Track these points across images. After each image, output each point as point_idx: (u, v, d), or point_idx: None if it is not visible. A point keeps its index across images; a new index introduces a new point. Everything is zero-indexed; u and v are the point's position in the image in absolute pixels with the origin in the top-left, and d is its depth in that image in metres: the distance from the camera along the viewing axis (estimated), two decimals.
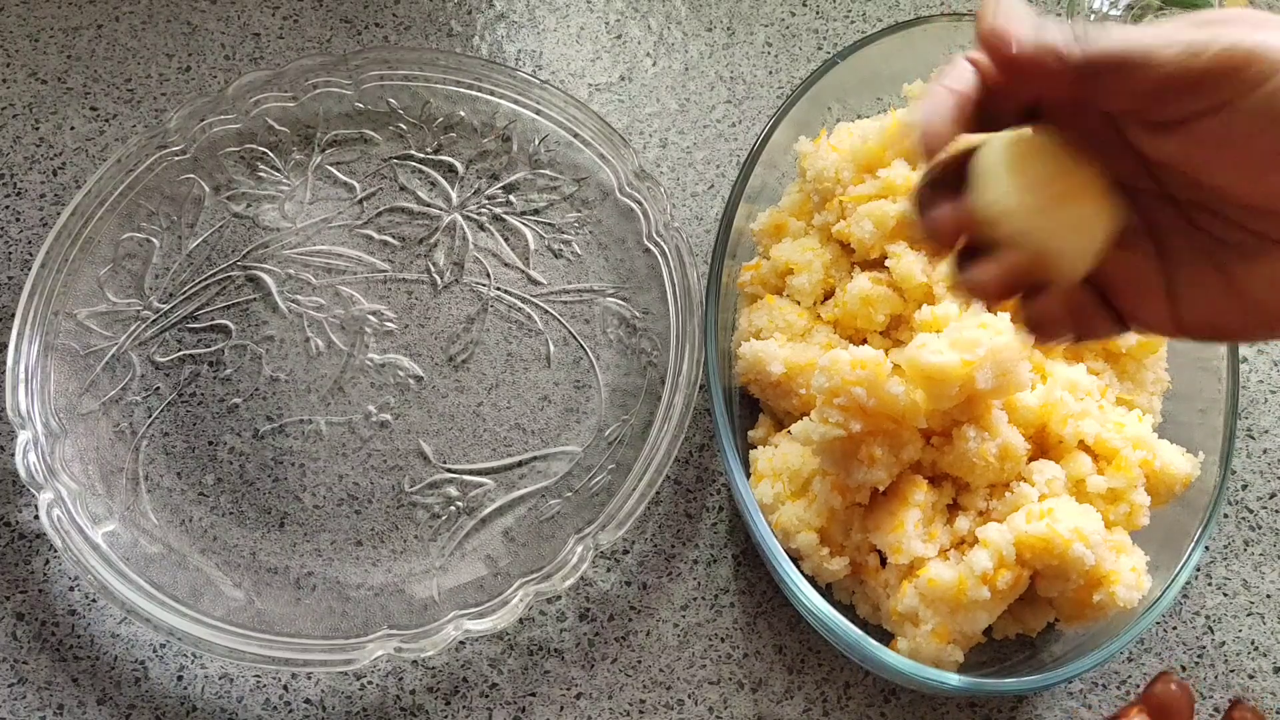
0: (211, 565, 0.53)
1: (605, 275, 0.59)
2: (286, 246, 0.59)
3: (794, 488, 0.50)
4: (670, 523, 0.56)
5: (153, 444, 0.55)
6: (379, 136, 0.61)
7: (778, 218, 0.56)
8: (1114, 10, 0.66)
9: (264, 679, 0.52)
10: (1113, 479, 0.48)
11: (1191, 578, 0.55)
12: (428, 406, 0.57)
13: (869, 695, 0.53)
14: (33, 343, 0.55)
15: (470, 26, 0.66)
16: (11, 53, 0.64)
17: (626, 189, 0.59)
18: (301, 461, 0.55)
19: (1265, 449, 0.58)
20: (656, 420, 0.54)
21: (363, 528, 0.54)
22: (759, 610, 0.54)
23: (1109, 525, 0.48)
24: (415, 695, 0.52)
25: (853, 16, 0.67)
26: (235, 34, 0.65)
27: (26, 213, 0.60)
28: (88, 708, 0.51)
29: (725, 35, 0.67)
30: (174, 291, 0.58)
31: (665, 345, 0.56)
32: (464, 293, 0.59)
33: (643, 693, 0.52)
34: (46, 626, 0.53)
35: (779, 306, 0.54)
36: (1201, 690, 0.54)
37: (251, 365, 0.57)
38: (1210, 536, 0.53)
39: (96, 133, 0.62)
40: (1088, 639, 0.49)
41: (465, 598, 0.52)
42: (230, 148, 0.60)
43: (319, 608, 0.52)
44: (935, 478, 0.49)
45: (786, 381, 0.51)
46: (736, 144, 0.64)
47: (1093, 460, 0.49)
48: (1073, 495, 0.48)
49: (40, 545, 0.54)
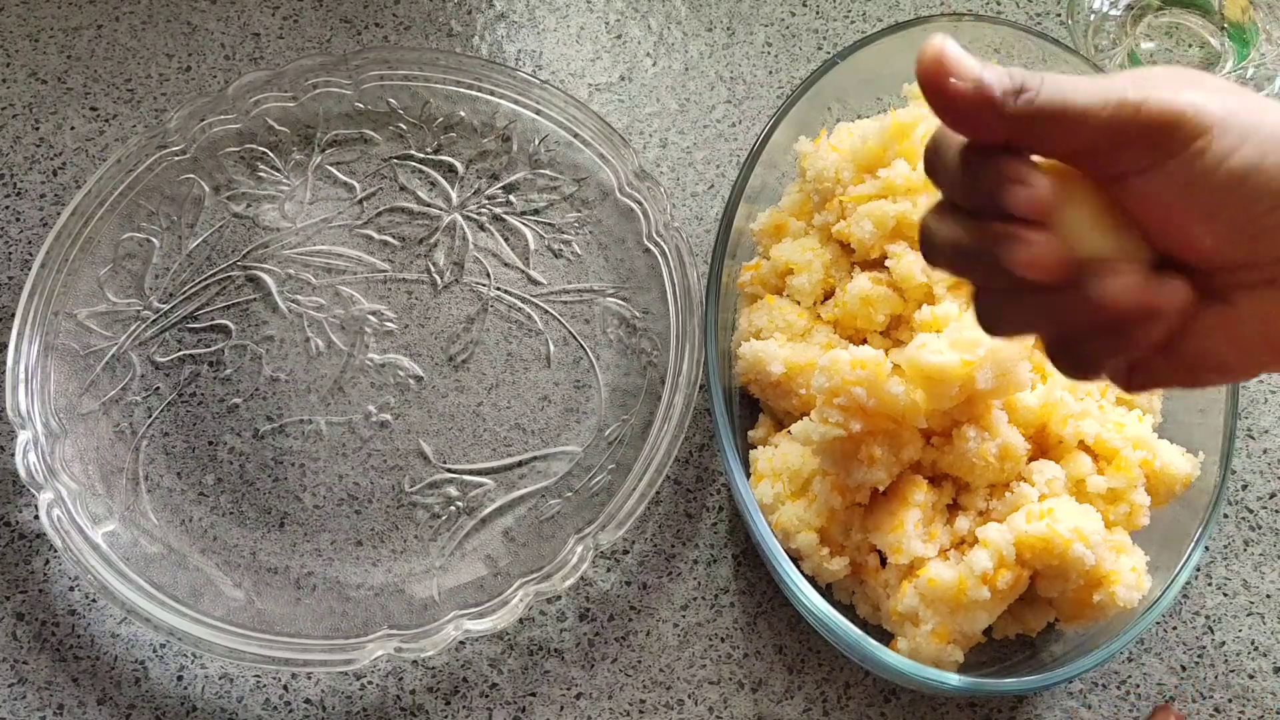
0: (211, 565, 0.53)
1: (605, 275, 0.59)
2: (286, 246, 0.59)
3: (794, 488, 0.50)
4: (670, 523, 0.56)
5: (153, 444, 0.55)
6: (379, 136, 0.61)
7: (778, 218, 0.56)
8: (1114, 10, 0.66)
9: (264, 679, 0.52)
10: (1113, 479, 0.48)
11: (1191, 578, 0.55)
12: (428, 406, 0.57)
13: (869, 695, 0.53)
14: (33, 343, 0.55)
15: (470, 26, 0.66)
16: (11, 53, 0.64)
17: (626, 189, 0.59)
18: (301, 461, 0.55)
19: (1265, 449, 0.58)
20: (656, 420, 0.54)
21: (363, 528, 0.54)
22: (759, 610, 0.54)
23: (1109, 525, 0.48)
24: (415, 695, 0.52)
25: (853, 16, 0.67)
26: (235, 34, 0.65)
27: (26, 213, 0.60)
28: (88, 708, 0.51)
29: (725, 35, 0.67)
30: (174, 291, 0.58)
31: (665, 345, 0.56)
32: (464, 293, 0.59)
33: (643, 693, 0.52)
34: (46, 626, 0.53)
35: (779, 306, 0.54)
36: (1201, 690, 0.54)
37: (251, 365, 0.57)
38: (1210, 536, 0.53)
39: (96, 133, 0.62)
40: (1088, 639, 0.49)
41: (465, 598, 0.52)
42: (230, 148, 0.60)
43: (319, 608, 0.52)
44: (935, 478, 0.49)
45: (786, 381, 0.51)
46: (736, 144, 0.64)
47: (1093, 460, 0.49)
48: (1073, 495, 0.48)
49: (40, 545, 0.54)
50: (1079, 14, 0.66)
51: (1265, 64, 0.64)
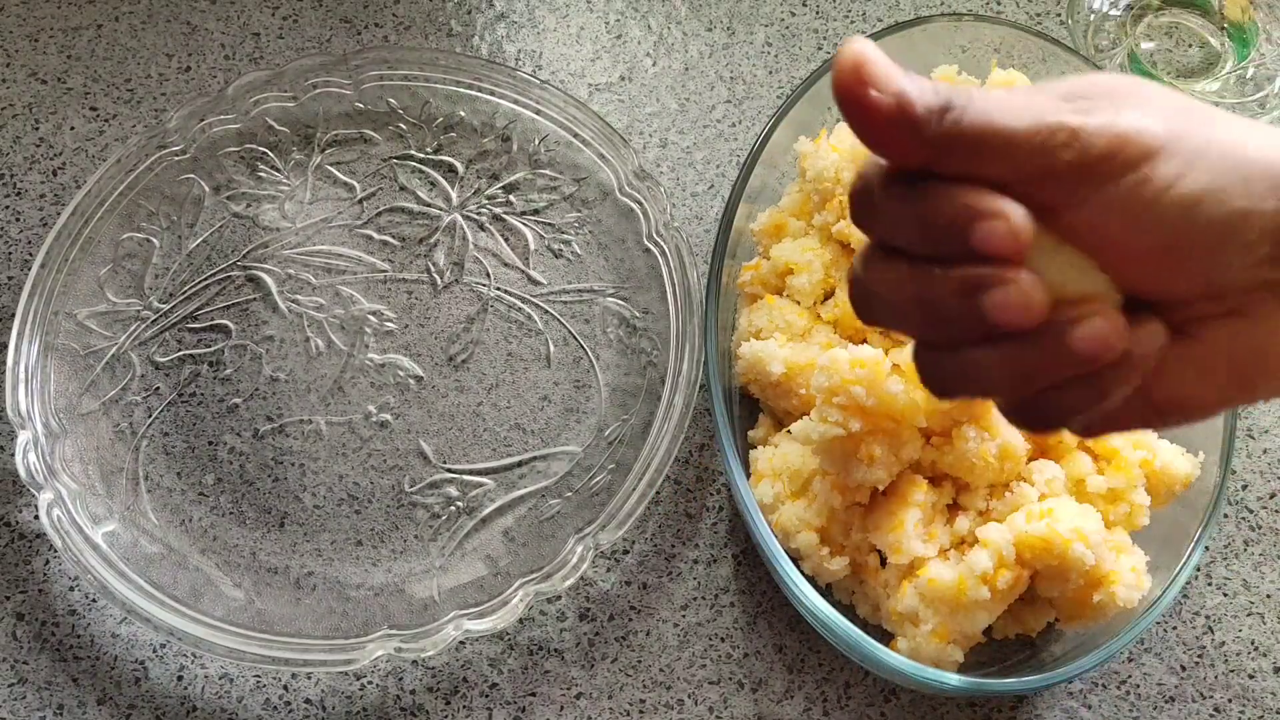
0: (211, 565, 0.53)
1: (605, 275, 0.59)
2: (286, 246, 0.59)
3: (794, 488, 0.50)
4: (670, 523, 0.56)
5: (153, 444, 0.55)
6: (379, 136, 0.61)
7: (778, 218, 0.56)
8: (1114, 10, 0.66)
9: (264, 679, 0.52)
10: (1113, 479, 0.48)
11: (1191, 578, 0.55)
12: (428, 406, 0.57)
13: (869, 695, 0.53)
14: (33, 343, 0.55)
15: (470, 26, 0.66)
16: (11, 53, 0.64)
17: (626, 189, 0.59)
18: (301, 461, 0.55)
19: (1265, 449, 0.58)
20: (656, 420, 0.54)
21: (363, 528, 0.54)
22: (759, 610, 0.54)
23: (1109, 525, 0.48)
24: (415, 695, 0.52)
25: (853, 16, 0.67)
26: (235, 34, 0.65)
27: (26, 213, 0.60)
28: (88, 708, 0.51)
29: (725, 35, 0.67)
30: (174, 291, 0.58)
31: (665, 345, 0.56)
32: (464, 293, 0.59)
33: (643, 692, 0.52)
34: (46, 626, 0.53)
35: (779, 306, 0.54)
36: (1201, 690, 0.54)
37: (251, 365, 0.57)
38: (1210, 536, 0.53)
39: (96, 133, 0.62)
40: (1088, 639, 0.49)
41: (465, 598, 0.52)
42: (230, 148, 0.60)
43: (319, 608, 0.52)
44: (935, 478, 0.49)
45: (786, 381, 0.51)
46: (736, 144, 0.64)
47: (1092, 460, 0.49)
48: (1073, 495, 0.48)
49: (40, 545, 0.54)
50: (1079, 14, 0.66)
51: (1265, 64, 0.64)
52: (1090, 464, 0.49)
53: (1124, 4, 0.66)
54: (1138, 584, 0.47)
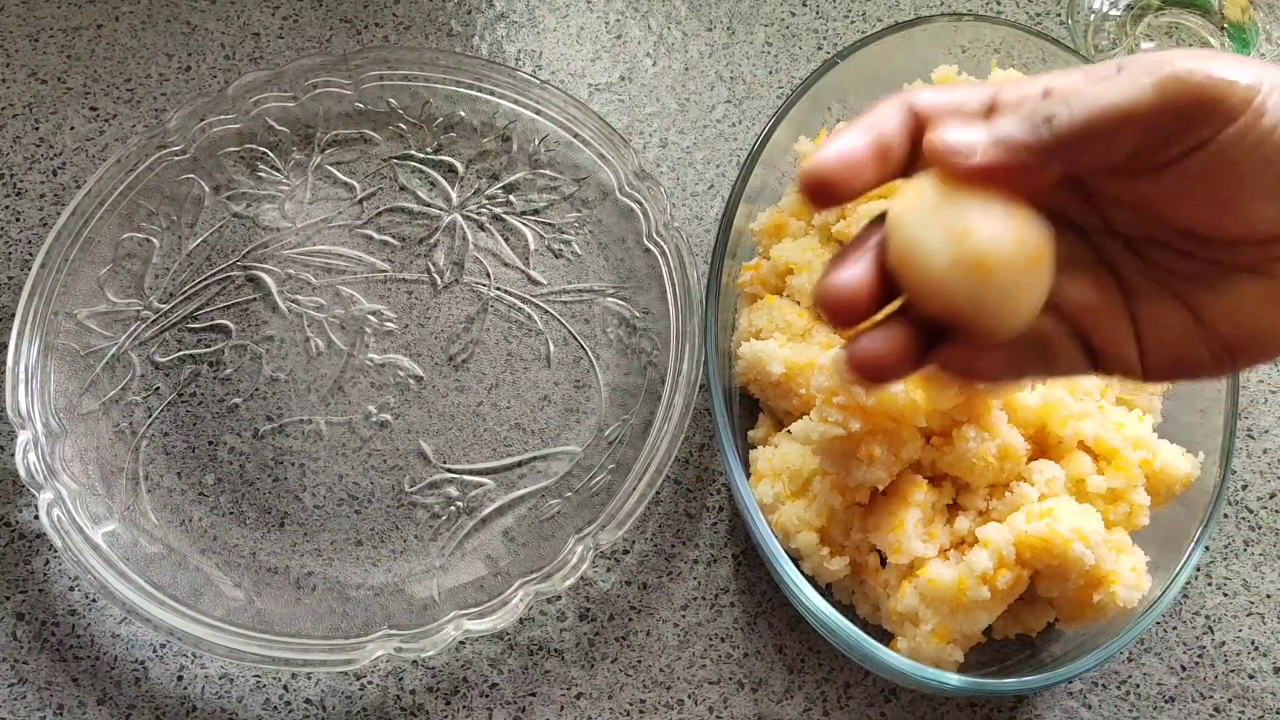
0: (211, 565, 0.53)
1: (605, 275, 0.59)
2: (286, 246, 0.59)
3: (794, 488, 0.50)
4: (670, 523, 0.56)
5: (153, 444, 0.55)
6: (379, 136, 0.61)
7: (778, 218, 0.56)
8: (1114, 10, 0.66)
9: (264, 679, 0.52)
10: (1113, 479, 0.48)
11: (1191, 578, 0.55)
12: (428, 406, 0.57)
13: (869, 695, 0.53)
14: (33, 343, 0.55)
15: (470, 26, 0.66)
16: (11, 53, 0.64)
17: (626, 189, 0.59)
18: (301, 461, 0.55)
19: (1265, 449, 0.58)
20: (656, 420, 0.54)
21: (363, 528, 0.54)
22: (759, 610, 0.54)
23: (1109, 525, 0.48)
24: (415, 695, 0.52)
25: (853, 16, 0.67)
26: (235, 34, 0.65)
27: (26, 213, 0.60)
28: (88, 708, 0.51)
29: (725, 35, 0.67)
30: (174, 291, 0.58)
31: (665, 345, 0.56)
32: (464, 293, 0.59)
33: (643, 692, 0.52)
34: (46, 626, 0.53)
35: (779, 306, 0.54)
36: (1201, 690, 0.54)
37: (251, 365, 0.57)
38: (1210, 536, 0.53)
39: (96, 133, 0.62)
40: (1088, 639, 0.49)
41: (465, 598, 0.52)
42: (230, 148, 0.60)
43: (319, 608, 0.52)
44: (935, 478, 0.49)
45: (786, 381, 0.51)
46: (736, 144, 0.64)
47: (1093, 460, 0.49)
48: (1073, 495, 0.48)
49: (40, 545, 0.54)
50: (1079, 14, 0.66)
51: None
52: (1090, 464, 0.49)
53: (1124, 4, 0.66)
54: (1138, 584, 0.47)
